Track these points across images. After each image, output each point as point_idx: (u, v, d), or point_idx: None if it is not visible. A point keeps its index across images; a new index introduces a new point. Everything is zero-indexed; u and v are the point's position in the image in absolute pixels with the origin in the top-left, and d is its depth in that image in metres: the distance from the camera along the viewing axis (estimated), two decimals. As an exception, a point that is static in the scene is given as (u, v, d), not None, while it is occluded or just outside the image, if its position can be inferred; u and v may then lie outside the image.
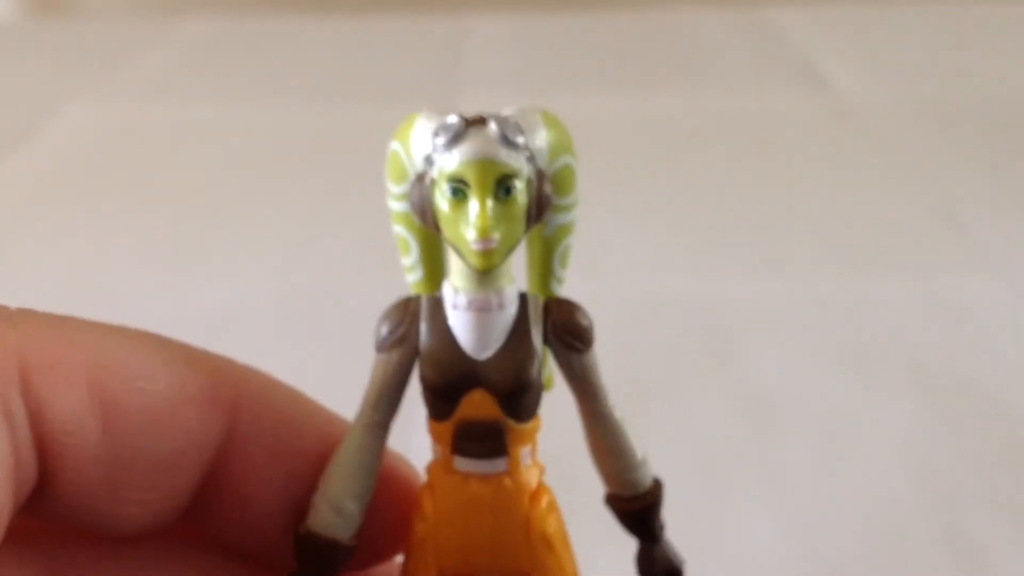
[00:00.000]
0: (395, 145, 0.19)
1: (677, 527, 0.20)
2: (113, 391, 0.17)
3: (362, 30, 1.08)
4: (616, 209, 0.63)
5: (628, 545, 0.21)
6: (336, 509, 0.19)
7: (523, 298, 0.19)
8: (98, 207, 0.68)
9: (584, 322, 0.19)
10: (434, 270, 0.20)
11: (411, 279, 0.20)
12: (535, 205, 0.18)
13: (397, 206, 0.19)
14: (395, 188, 0.19)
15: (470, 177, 0.17)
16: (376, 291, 0.54)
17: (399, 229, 0.19)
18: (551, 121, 0.18)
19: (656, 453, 0.20)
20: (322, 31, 1.09)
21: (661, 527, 0.20)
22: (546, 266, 0.20)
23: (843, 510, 0.40)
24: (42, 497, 0.17)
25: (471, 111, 0.18)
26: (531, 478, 0.19)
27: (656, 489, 0.20)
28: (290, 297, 0.56)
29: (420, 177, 0.18)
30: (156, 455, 0.18)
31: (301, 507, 0.19)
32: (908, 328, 0.51)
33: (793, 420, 0.45)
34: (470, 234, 0.17)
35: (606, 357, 0.19)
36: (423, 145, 0.18)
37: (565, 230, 0.19)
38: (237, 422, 0.18)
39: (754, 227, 0.63)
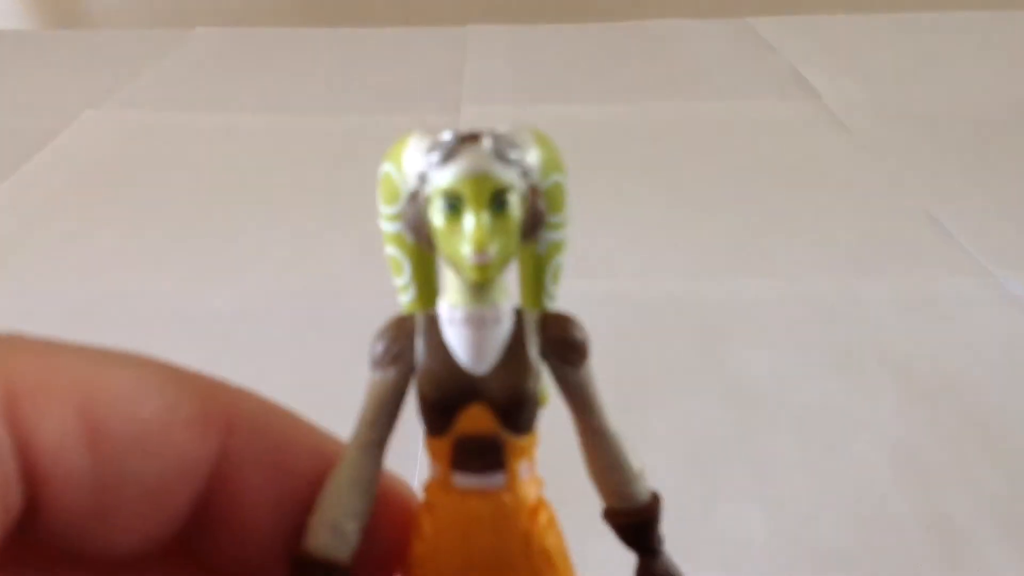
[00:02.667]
0: (387, 166, 0.19)
1: (667, 523, 0.20)
2: (102, 416, 0.17)
3: (368, 40, 1.09)
4: (609, 212, 0.64)
5: (628, 560, 0.20)
6: (334, 529, 0.18)
7: (518, 313, 0.19)
8: (112, 212, 0.69)
9: (579, 336, 0.19)
10: (427, 290, 0.19)
11: (404, 299, 0.20)
12: (529, 219, 0.18)
13: (389, 227, 0.19)
14: (387, 209, 0.19)
15: (465, 192, 0.17)
16: (380, 297, 0.54)
17: (391, 250, 0.19)
18: (541, 139, 0.18)
19: (646, 451, 0.20)
20: (329, 41, 1.10)
21: (660, 541, 0.20)
22: (538, 283, 0.20)
23: (831, 506, 0.40)
24: (30, 523, 0.17)
25: (473, 120, 0.18)
26: (530, 493, 0.19)
27: (654, 503, 0.20)
28: (297, 302, 0.56)
29: (414, 195, 0.18)
30: (147, 480, 0.17)
31: (297, 530, 0.19)
32: (894, 329, 0.52)
33: (782, 418, 0.45)
34: (466, 248, 0.17)
35: (597, 358, 0.19)
36: (416, 163, 0.18)
37: (556, 248, 0.19)
38: (230, 445, 0.18)
39: (743, 230, 0.64)
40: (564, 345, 0.19)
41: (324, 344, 0.52)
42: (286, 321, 0.54)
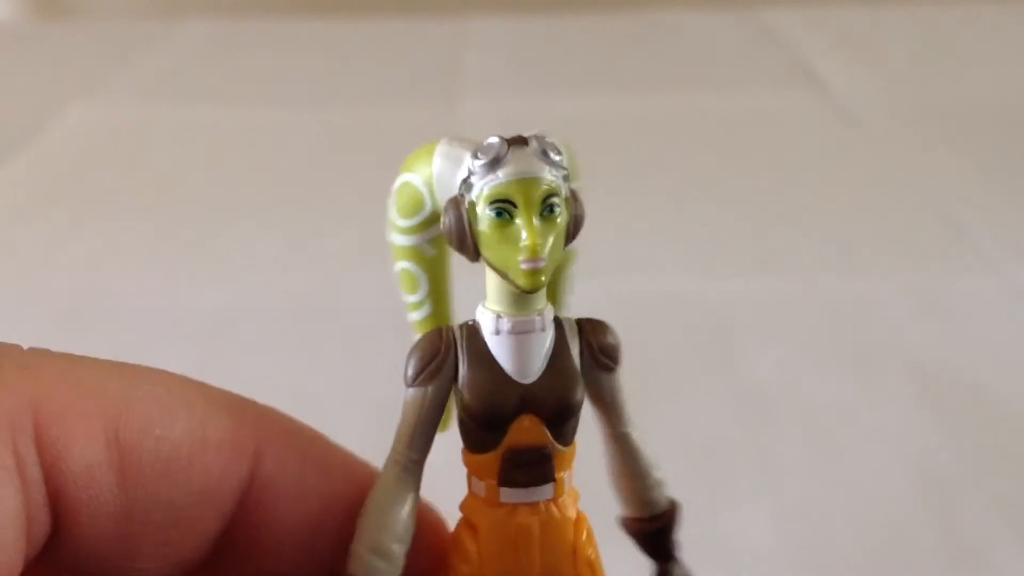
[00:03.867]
0: (408, 176, 0.18)
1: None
2: (130, 439, 0.16)
3: (363, 31, 1.08)
4: (614, 208, 0.63)
5: (642, 567, 0.20)
6: (379, 553, 0.18)
7: (557, 319, 0.18)
8: (100, 207, 0.68)
9: (615, 341, 0.19)
10: (441, 306, 0.19)
11: (416, 317, 0.19)
12: (572, 223, 0.17)
13: (404, 240, 0.18)
14: (404, 222, 0.18)
15: (517, 196, 0.17)
16: (376, 291, 0.54)
17: (406, 265, 0.19)
18: (564, 146, 0.18)
19: (655, 451, 0.20)
20: (323, 32, 1.09)
21: (678, 547, 0.20)
22: (554, 293, 0.19)
23: (841, 508, 0.39)
24: (55, 549, 0.17)
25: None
26: (573, 505, 0.19)
27: (672, 509, 0.20)
28: (291, 297, 0.55)
29: (455, 202, 0.17)
30: (174, 505, 0.17)
31: (325, 555, 0.18)
32: (905, 327, 0.51)
33: (791, 419, 0.44)
34: (521, 254, 0.17)
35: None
36: (457, 169, 0.17)
37: (573, 255, 0.19)
38: (260, 468, 0.18)
39: (752, 226, 0.63)
40: (602, 350, 0.18)
41: (317, 341, 0.51)
42: (276, 319, 0.53)
